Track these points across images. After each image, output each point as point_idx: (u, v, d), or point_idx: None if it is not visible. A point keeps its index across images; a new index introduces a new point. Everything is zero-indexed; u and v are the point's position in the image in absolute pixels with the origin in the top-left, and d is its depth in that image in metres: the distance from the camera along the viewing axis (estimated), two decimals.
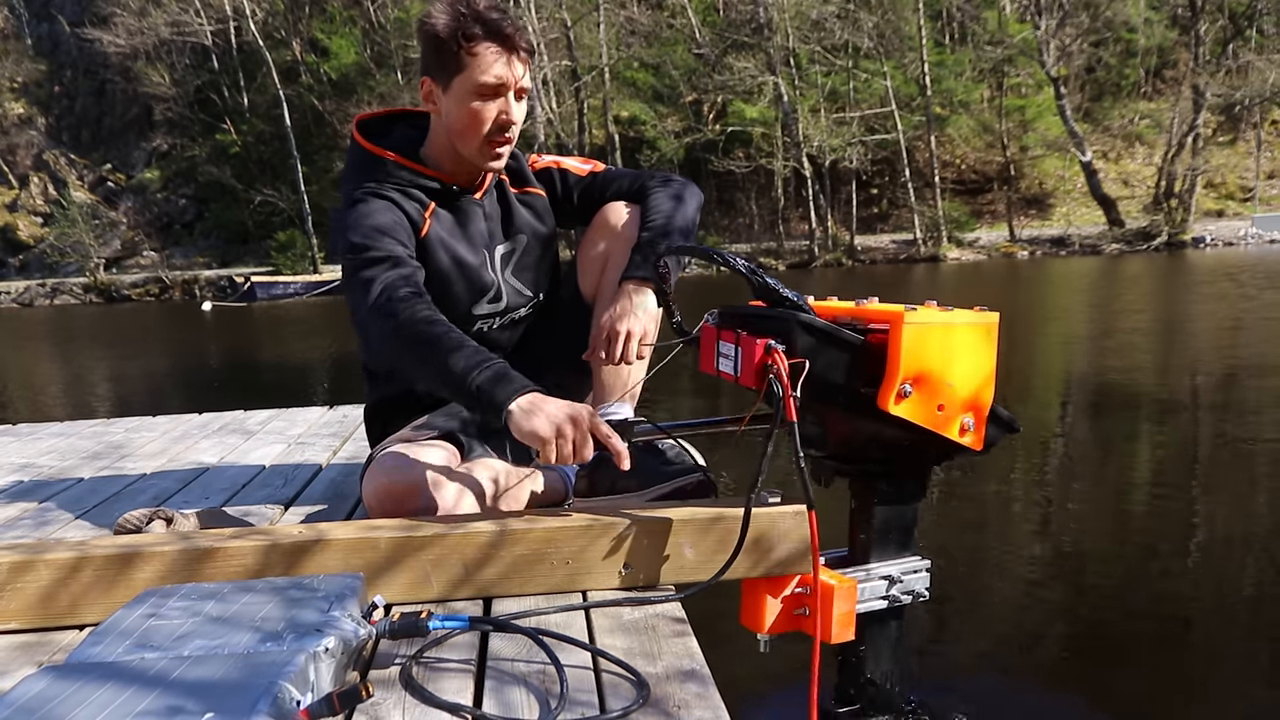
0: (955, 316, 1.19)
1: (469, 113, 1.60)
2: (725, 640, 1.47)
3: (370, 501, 1.55)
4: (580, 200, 1.85)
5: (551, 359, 1.84)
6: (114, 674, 0.94)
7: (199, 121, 39.66)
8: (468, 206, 1.74)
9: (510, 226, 1.80)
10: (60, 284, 35.29)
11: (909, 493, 1.32)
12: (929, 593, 1.34)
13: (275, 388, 8.02)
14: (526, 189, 1.84)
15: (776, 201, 33.67)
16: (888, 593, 1.31)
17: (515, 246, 1.80)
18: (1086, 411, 5.43)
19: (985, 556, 2.91)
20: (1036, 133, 34.75)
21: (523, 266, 1.81)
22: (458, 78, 1.59)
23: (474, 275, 1.73)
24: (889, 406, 1.17)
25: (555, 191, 1.86)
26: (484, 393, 1.35)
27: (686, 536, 1.33)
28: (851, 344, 1.20)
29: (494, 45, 1.56)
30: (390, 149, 1.70)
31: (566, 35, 33.22)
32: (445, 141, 1.68)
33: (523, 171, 1.83)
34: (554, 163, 1.87)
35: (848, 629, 1.24)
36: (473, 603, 1.32)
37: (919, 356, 1.16)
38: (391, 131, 1.76)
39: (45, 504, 2.09)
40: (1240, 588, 2.63)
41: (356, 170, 1.71)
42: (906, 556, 1.34)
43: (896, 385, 1.16)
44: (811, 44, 32.95)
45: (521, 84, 1.61)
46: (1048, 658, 2.24)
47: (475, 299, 1.75)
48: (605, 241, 1.79)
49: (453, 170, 1.71)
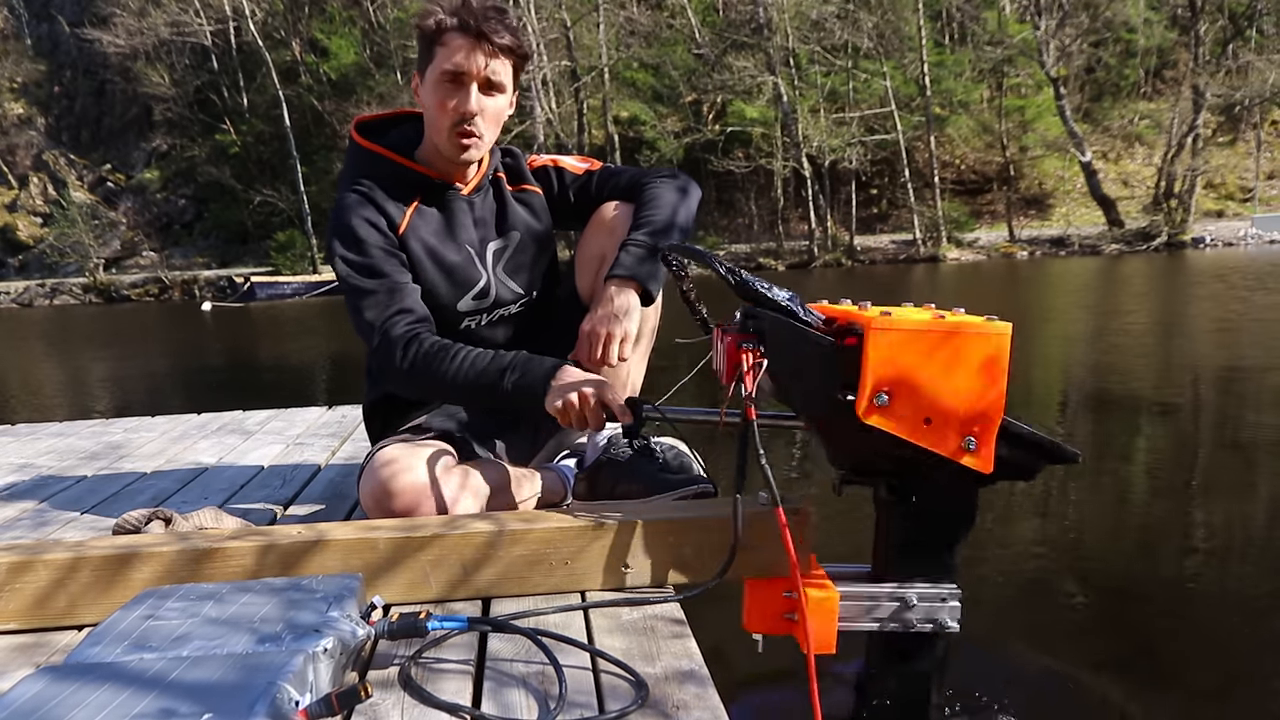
0: (944, 324, 1.11)
1: (435, 102, 1.64)
2: (724, 641, 1.47)
3: (368, 503, 1.55)
4: (577, 198, 1.85)
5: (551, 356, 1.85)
6: (112, 675, 0.94)
7: (199, 122, 39.66)
8: (454, 202, 1.75)
9: (504, 223, 1.81)
10: (60, 284, 35.29)
11: (935, 513, 1.22)
12: (959, 625, 1.23)
13: (274, 388, 8.02)
14: (523, 187, 1.85)
15: (776, 202, 33.66)
16: (900, 616, 1.23)
17: (508, 243, 1.80)
18: (1086, 411, 5.43)
19: (983, 554, 2.90)
20: (1036, 133, 34.75)
21: (515, 263, 1.81)
22: (429, 67, 1.64)
23: (456, 271, 1.74)
24: (863, 415, 1.10)
25: (552, 190, 1.86)
26: (522, 392, 1.50)
27: (685, 537, 1.33)
28: (820, 345, 1.14)
29: (461, 36, 1.59)
30: (385, 147, 1.73)
31: (566, 35, 33.22)
32: (429, 136, 1.71)
33: (520, 170, 1.85)
34: (551, 161, 1.88)
35: (825, 641, 1.19)
36: (471, 603, 1.32)
37: (892, 364, 1.09)
38: (390, 132, 1.78)
39: (44, 504, 2.09)
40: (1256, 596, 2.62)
41: (350, 166, 1.76)
42: (930, 582, 1.24)
43: (869, 392, 1.09)
44: (811, 44, 32.94)
45: (489, 76, 1.62)
46: (1049, 662, 2.24)
47: (460, 294, 1.75)
48: (600, 240, 1.79)
49: (442, 168, 1.73)
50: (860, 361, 1.10)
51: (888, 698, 1.27)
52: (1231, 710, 2.01)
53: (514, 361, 1.53)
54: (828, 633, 1.20)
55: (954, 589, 1.23)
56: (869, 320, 1.10)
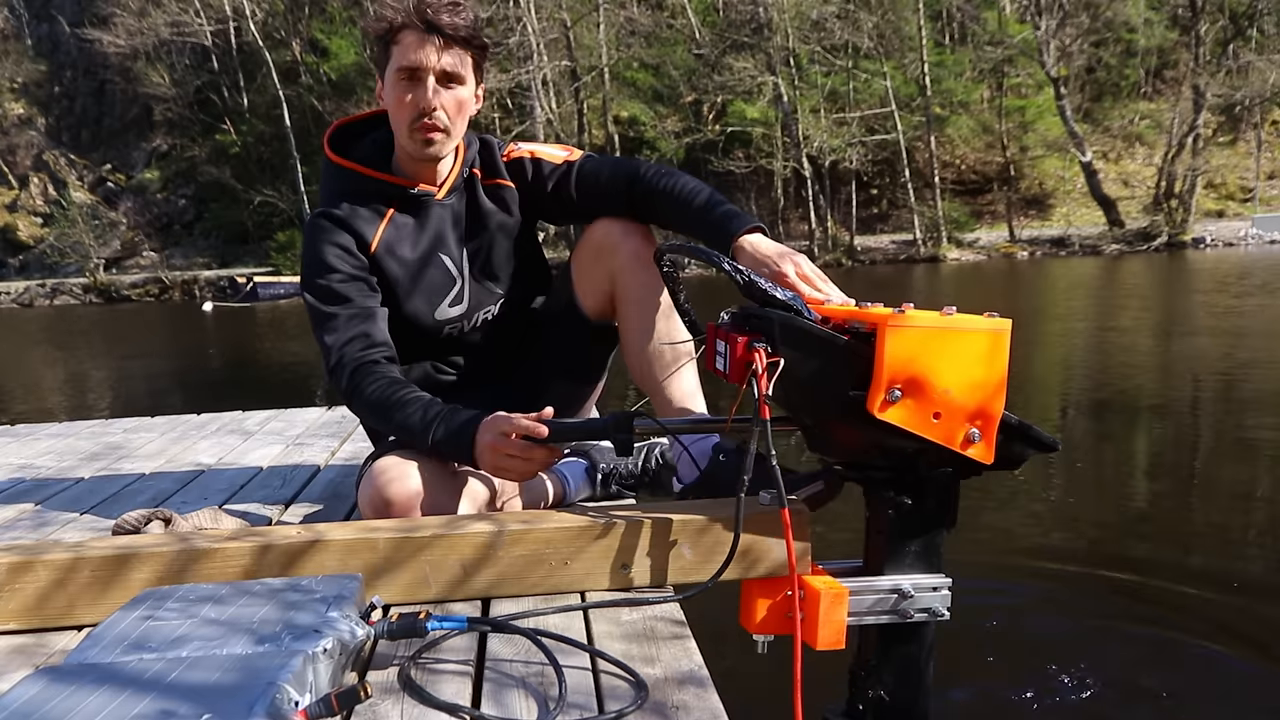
0: (954, 322, 1.14)
1: (394, 100, 1.61)
2: (724, 642, 1.47)
3: (365, 511, 1.54)
4: (555, 190, 1.77)
5: (552, 371, 1.83)
6: (111, 676, 0.94)
7: (199, 122, 39.69)
8: (429, 209, 1.72)
9: (477, 223, 1.76)
10: (60, 284, 35.30)
11: (927, 506, 1.25)
12: (949, 613, 1.26)
13: (274, 388, 8.02)
14: (496, 181, 1.78)
15: (776, 202, 33.68)
16: (896, 607, 1.25)
17: (481, 243, 1.77)
18: (1085, 410, 5.42)
19: (982, 559, 2.90)
20: (1036, 133, 34.74)
21: (490, 264, 1.78)
22: (386, 68, 1.62)
23: (431, 281, 1.72)
24: (876, 411, 1.13)
25: (526, 181, 1.78)
26: (446, 448, 1.48)
27: (685, 537, 1.33)
28: (833, 344, 1.17)
29: (413, 31, 1.57)
30: (359, 157, 1.71)
31: (566, 35, 33.23)
32: (395, 136, 1.68)
33: (494, 163, 1.78)
34: (529, 152, 1.81)
35: (835, 637, 1.20)
36: (471, 604, 1.32)
37: (907, 360, 1.12)
38: (366, 137, 1.76)
39: (43, 505, 2.09)
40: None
41: (325, 180, 1.74)
42: (924, 572, 1.26)
43: (883, 389, 1.12)
44: (811, 44, 32.94)
45: (444, 69, 1.58)
46: (1050, 665, 2.24)
47: (436, 304, 1.73)
48: (606, 258, 1.72)
49: (413, 171, 1.70)
50: (873, 359, 1.13)
51: (883, 688, 1.29)
52: (1231, 710, 2.00)
53: (440, 414, 1.50)
54: (838, 627, 1.21)
55: (944, 578, 1.27)
56: (884, 318, 1.13)
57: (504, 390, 1.78)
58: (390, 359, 1.63)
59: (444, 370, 1.83)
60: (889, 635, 1.27)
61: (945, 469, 1.24)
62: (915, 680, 1.30)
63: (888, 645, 1.28)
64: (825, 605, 1.19)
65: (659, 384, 1.70)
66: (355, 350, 1.60)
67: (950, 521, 1.27)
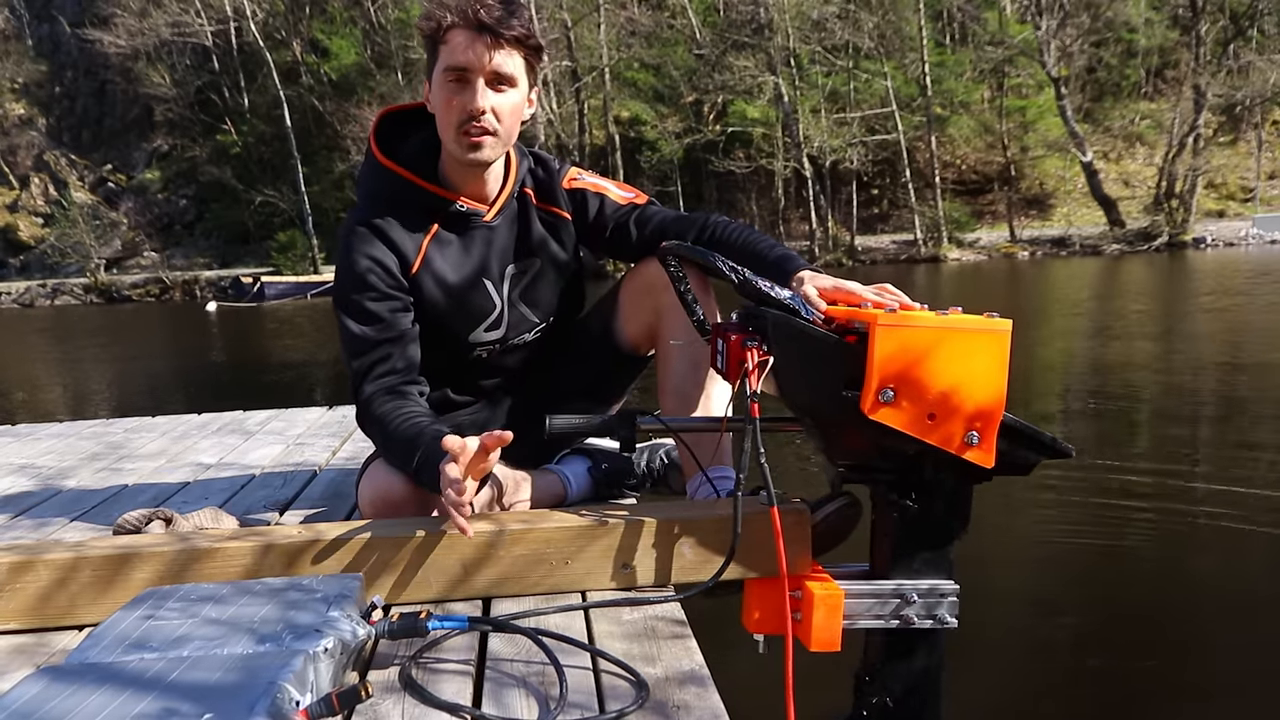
0: (949, 322, 1.12)
1: (441, 102, 1.52)
2: (725, 641, 1.47)
3: (366, 509, 1.54)
4: (614, 231, 1.71)
5: (574, 390, 1.81)
6: (112, 676, 0.94)
7: (199, 122, 39.66)
8: (475, 228, 1.65)
9: (525, 247, 1.70)
10: (61, 284, 35.28)
11: (934, 511, 1.23)
12: (957, 621, 1.24)
13: (275, 388, 8.02)
14: (552, 209, 1.71)
15: (777, 202, 33.65)
16: (899, 612, 1.23)
17: (527, 269, 1.71)
18: (1085, 409, 5.42)
19: (981, 558, 2.90)
20: (1037, 133, 34.69)
21: (534, 292, 1.73)
22: (435, 68, 1.54)
23: (471, 302, 1.67)
24: (868, 411, 1.11)
25: (587, 217, 1.72)
26: (425, 471, 1.40)
27: (685, 537, 1.33)
28: (825, 343, 1.16)
29: (463, 31, 1.48)
30: (405, 160, 1.62)
31: (567, 35, 33.19)
32: (443, 140, 1.59)
33: (551, 188, 1.71)
34: (595, 186, 1.73)
35: (829, 639, 1.19)
36: (472, 603, 1.32)
37: (898, 361, 1.10)
38: (412, 136, 1.66)
39: (44, 504, 2.09)
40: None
41: (366, 177, 1.66)
42: (930, 578, 1.24)
43: (874, 389, 1.10)
44: (812, 44, 32.91)
45: (496, 70, 1.49)
46: (1052, 668, 2.24)
47: (472, 327, 1.69)
48: (656, 295, 1.67)
49: (460, 180, 1.62)
50: (865, 358, 1.11)
51: (888, 695, 1.27)
52: (1230, 708, 2.00)
53: (423, 446, 1.43)
54: (833, 630, 1.20)
55: (952, 584, 1.24)
56: (874, 318, 1.11)
57: (522, 405, 1.78)
58: (412, 383, 1.59)
59: (467, 388, 1.80)
60: (893, 641, 1.26)
61: (950, 473, 1.20)
62: (921, 689, 1.27)
63: (892, 651, 1.26)
64: (819, 607, 1.18)
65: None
66: (378, 374, 1.56)
67: (961, 528, 1.24)
